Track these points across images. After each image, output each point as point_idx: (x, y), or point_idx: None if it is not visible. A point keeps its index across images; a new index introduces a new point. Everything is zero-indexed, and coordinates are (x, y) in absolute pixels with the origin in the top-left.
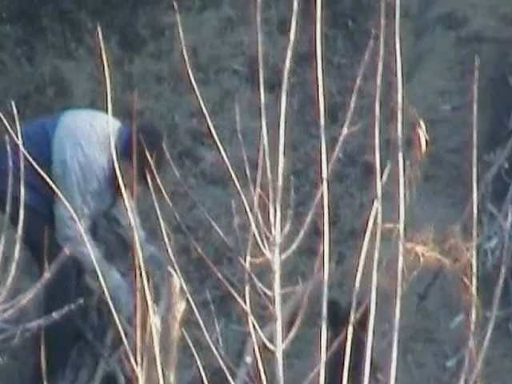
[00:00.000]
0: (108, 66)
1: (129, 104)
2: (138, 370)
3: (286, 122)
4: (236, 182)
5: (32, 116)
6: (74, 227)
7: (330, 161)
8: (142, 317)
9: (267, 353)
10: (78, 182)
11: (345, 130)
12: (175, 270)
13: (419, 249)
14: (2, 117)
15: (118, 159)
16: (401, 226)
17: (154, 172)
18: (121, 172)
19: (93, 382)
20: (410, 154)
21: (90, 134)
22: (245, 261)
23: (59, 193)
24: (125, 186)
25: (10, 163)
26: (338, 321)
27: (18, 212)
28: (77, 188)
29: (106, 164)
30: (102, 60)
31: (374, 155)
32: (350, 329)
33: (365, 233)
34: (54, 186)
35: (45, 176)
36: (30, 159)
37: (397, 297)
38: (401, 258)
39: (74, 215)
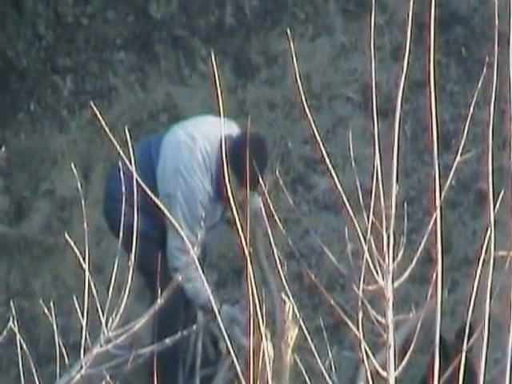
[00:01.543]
0: (221, 92)
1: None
2: None
3: (398, 149)
4: (349, 208)
5: None
6: (183, 259)
7: (442, 188)
8: (256, 343)
9: (380, 380)
10: (184, 213)
11: (458, 158)
12: (288, 296)
13: None
14: (116, 143)
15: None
16: None
17: (267, 197)
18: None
19: None
20: None
21: (190, 159)
22: (358, 288)
23: (170, 222)
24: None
25: (123, 189)
26: (444, 354)
27: (131, 237)
28: (183, 220)
29: (210, 186)
30: (215, 86)
31: (487, 183)
32: (461, 357)
33: (478, 260)
34: (165, 213)
35: (157, 201)
36: (143, 184)
37: (510, 324)
38: None
39: (184, 246)
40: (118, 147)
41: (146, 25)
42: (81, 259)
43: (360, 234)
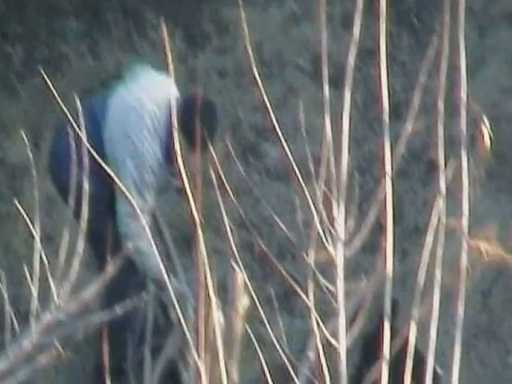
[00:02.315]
0: (172, 60)
1: None
2: (200, 365)
3: (349, 119)
4: (300, 178)
5: None
6: (133, 226)
7: (393, 158)
8: (205, 312)
9: (330, 349)
10: (134, 180)
11: (408, 127)
12: (239, 266)
13: (483, 246)
14: (66, 111)
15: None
16: (464, 223)
17: (218, 167)
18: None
19: (155, 377)
20: (474, 152)
21: (138, 123)
22: (308, 257)
23: (119, 187)
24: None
25: (71, 151)
26: (394, 317)
27: (80, 201)
28: (132, 185)
29: (159, 150)
30: (166, 55)
31: (437, 152)
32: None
33: (428, 230)
34: (114, 177)
35: (105, 166)
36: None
37: (460, 294)
38: (464, 256)
39: (134, 212)
40: (69, 115)
41: None
42: (31, 228)
43: (311, 204)
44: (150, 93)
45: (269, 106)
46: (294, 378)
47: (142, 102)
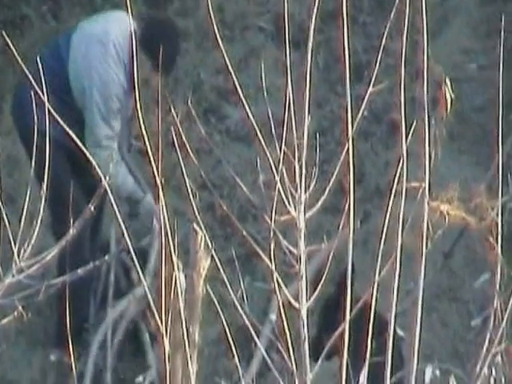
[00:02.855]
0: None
1: None
2: (162, 326)
3: (311, 80)
4: (261, 139)
5: None
6: (101, 155)
7: (355, 119)
8: (167, 274)
9: (292, 311)
10: (99, 108)
11: (370, 88)
12: (200, 227)
13: (444, 207)
14: (27, 72)
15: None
16: (426, 185)
17: (179, 127)
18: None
19: (116, 337)
20: (436, 113)
21: (103, 53)
22: (270, 218)
23: (86, 118)
24: (143, 81)
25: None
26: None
27: (43, 146)
28: (99, 115)
29: (124, 78)
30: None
31: (399, 113)
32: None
33: (390, 191)
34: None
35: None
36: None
37: (422, 255)
38: (426, 217)
39: (101, 142)
40: (30, 76)
41: None
42: None
43: (272, 165)
44: (113, 23)
45: (230, 67)
46: (256, 339)
47: (106, 31)
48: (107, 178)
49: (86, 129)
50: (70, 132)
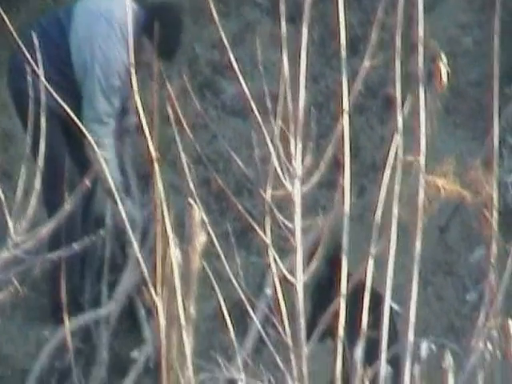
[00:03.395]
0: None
1: None
2: (157, 301)
3: (306, 55)
4: (257, 114)
5: None
6: (100, 132)
7: (350, 93)
8: (163, 248)
9: (288, 285)
10: (100, 84)
11: (366, 63)
12: (195, 201)
13: (440, 182)
14: (23, 48)
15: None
16: (421, 159)
17: (175, 103)
18: (140, 55)
19: (112, 313)
20: (431, 87)
21: (107, 29)
22: (265, 193)
23: (85, 93)
24: (145, 64)
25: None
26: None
27: (38, 114)
28: (100, 90)
29: (126, 56)
30: None
31: (394, 88)
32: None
33: (385, 166)
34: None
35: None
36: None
37: (417, 230)
38: (421, 191)
39: (101, 117)
40: (26, 52)
41: None
42: None
43: (268, 139)
44: (117, 3)
45: (226, 42)
46: (252, 313)
47: (110, 9)
48: (102, 154)
49: (84, 102)
50: (66, 106)
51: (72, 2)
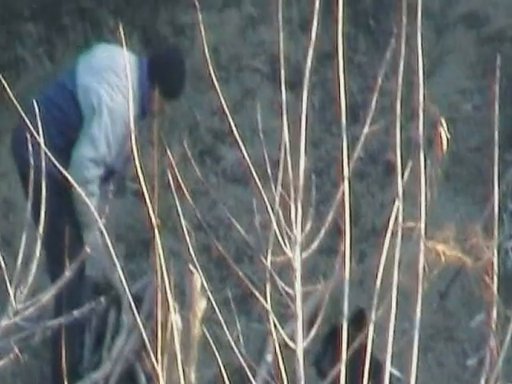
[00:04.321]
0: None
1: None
2: (158, 367)
3: (307, 121)
4: (257, 180)
5: None
6: (93, 172)
7: (350, 160)
8: (163, 315)
9: (288, 351)
10: (106, 124)
11: (366, 129)
12: (196, 268)
13: (440, 247)
14: (24, 114)
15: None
16: (422, 225)
17: (175, 169)
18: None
19: (112, 379)
20: (431, 153)
21: (112, 79)
22: (266, 259)
23: (86, 132)
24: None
25: (32, 161)
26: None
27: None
28: (104, 131)
29: (136, 106)
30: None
31: (395, 154)
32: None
33: (386, 231)
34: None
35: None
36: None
37: (417, 295)
38: (422, 257)
39: (97, 157)
40: (26, 119)
41: None
42: None
43: (268, 206)
44: (118, 54)
45: (226, 108)
46: (252, 380)
47: (116, 62)
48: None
49: (84, 139)
50: (66, 173)
51: (69, 64)
